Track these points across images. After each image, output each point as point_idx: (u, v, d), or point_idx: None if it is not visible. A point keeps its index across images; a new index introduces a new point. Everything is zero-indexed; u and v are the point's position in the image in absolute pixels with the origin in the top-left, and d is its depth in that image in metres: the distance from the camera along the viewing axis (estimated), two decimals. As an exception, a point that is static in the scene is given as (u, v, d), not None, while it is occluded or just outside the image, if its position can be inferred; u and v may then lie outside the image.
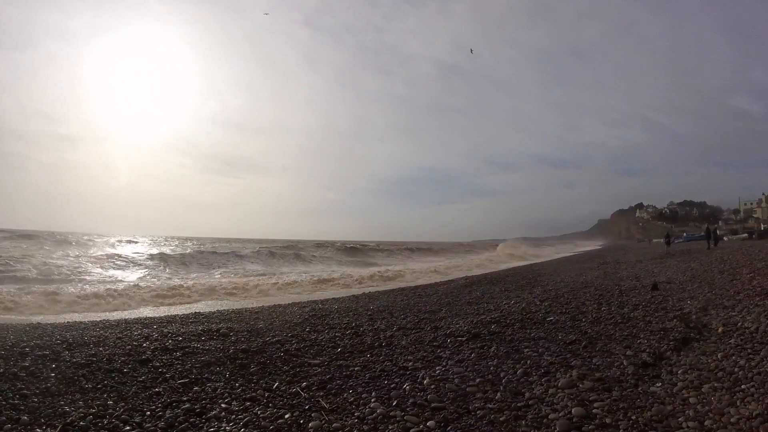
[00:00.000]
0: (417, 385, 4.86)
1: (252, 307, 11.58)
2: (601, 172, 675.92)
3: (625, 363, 5.26)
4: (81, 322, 9.06)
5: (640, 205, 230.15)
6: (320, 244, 60.30)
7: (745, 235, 60.48)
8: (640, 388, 4.48)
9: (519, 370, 5.20)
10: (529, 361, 5.53)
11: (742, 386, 4.24)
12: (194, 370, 5.46)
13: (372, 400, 4.48)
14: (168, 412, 4.24)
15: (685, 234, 77.42)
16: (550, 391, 4.53)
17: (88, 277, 21.15)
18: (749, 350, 5.24)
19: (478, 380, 4.93)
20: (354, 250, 51.67)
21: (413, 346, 6.57)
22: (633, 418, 3.78)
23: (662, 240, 44.07)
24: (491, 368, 5.35)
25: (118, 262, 26.81)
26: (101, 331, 7.64)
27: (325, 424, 3.96)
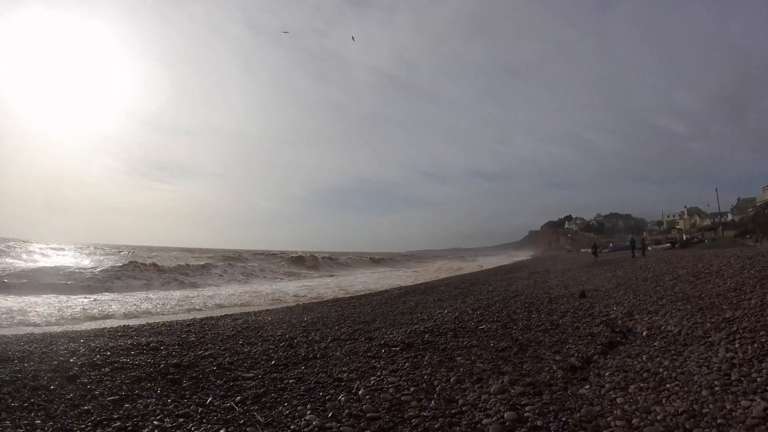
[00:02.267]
0: (352, 396, 4.84)
1: (183, 320, 11.01)
2: (533, 185, 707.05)
3: (554, 367, 5.42)
4: (4, 336, 8.56)
5: (568, 217, 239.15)
6: (245, 254, 57.14)
7: (669, 244, 63.87)
8: (569, 391, 4.62)
9: (452, 378, 5.23)
10: (462, 369, 5.58)
11: (667, 385, 4.47)
12: (124, 387, 5.20)
13: (307, 413, 4.42)
14: (98, 431, 4.04)
15: (611, 244, 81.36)
16: (483, 397, 4.60)
17: (10, 287, 19.48)
18: (673, 351, 5.55)
19: (412, 389, 4.94)
20: (290, 260, 50.48)
21: (348, 357, 6.47)
22: (563, 419, 3.88)
23: (590, 250, 45.89)
24: (425, 377, 5.35)
25: (41, 271, 24.78)
26: (25, 346, 7.23)
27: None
